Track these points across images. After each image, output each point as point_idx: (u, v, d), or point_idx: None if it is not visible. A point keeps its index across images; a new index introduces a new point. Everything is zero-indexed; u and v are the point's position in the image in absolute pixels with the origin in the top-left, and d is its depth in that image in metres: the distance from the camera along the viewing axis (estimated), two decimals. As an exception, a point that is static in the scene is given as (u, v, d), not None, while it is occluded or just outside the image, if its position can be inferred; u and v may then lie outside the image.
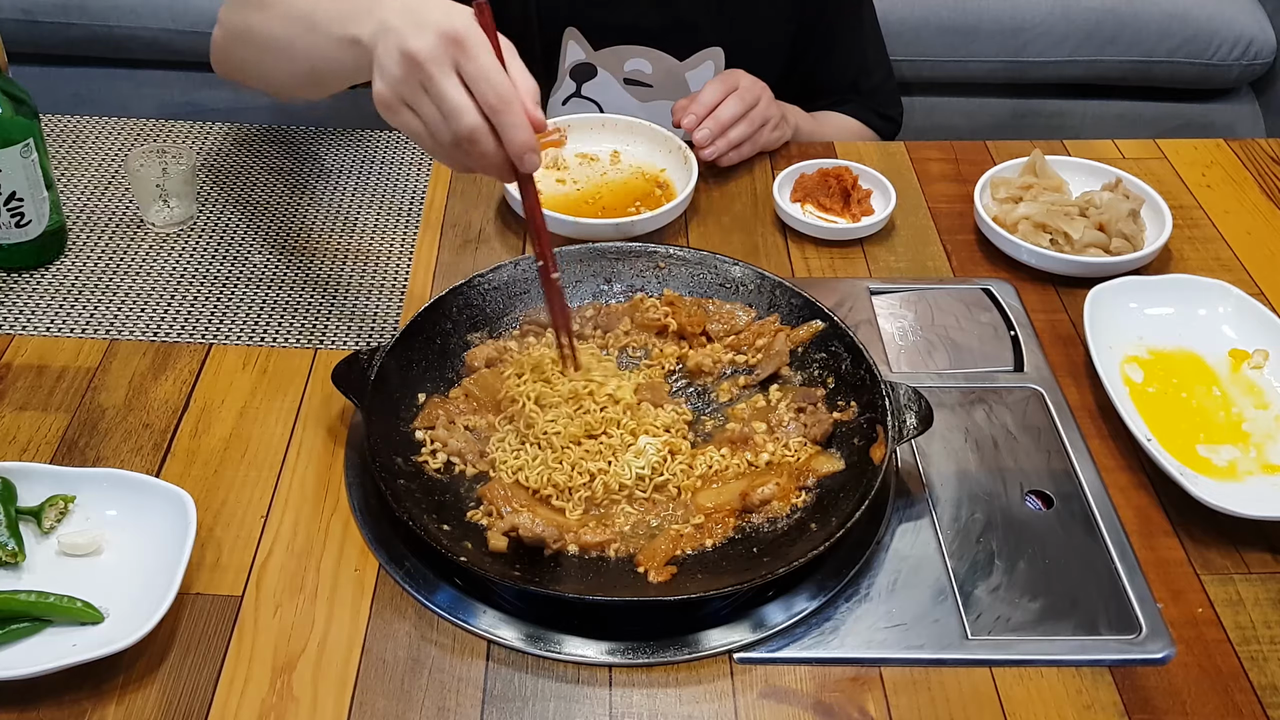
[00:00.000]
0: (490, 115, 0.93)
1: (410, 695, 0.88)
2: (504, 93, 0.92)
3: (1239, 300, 1.19)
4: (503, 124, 0.93)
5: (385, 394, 1.04)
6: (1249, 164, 1.46)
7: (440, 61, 0.92)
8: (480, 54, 0.92)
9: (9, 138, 1.15)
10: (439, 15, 0.93)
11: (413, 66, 0.92)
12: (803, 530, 0.98)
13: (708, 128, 1.36)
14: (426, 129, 0.95)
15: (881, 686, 0.89)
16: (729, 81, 1.39)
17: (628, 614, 0.94)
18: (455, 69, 0.92)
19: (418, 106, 0.94)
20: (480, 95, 0.92)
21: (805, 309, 1.14)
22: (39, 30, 2.12)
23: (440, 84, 0.92)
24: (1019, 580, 0.97)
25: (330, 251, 1.29)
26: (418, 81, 0.93)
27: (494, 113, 0.93)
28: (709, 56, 1.52)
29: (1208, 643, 0.93)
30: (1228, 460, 1.06)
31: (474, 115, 0.92)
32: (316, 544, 0.98)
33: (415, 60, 0.92)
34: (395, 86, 0.94)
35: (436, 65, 0.92)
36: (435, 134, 0.95)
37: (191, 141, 1.44)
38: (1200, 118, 2.28)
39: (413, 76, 0.93)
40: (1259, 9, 2.24)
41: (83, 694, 0.86)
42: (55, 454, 1.04)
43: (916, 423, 1.00)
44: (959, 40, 2.17)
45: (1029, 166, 1.38)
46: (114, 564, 0.94)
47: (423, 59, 0.92)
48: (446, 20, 0.92)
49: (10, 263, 1.23)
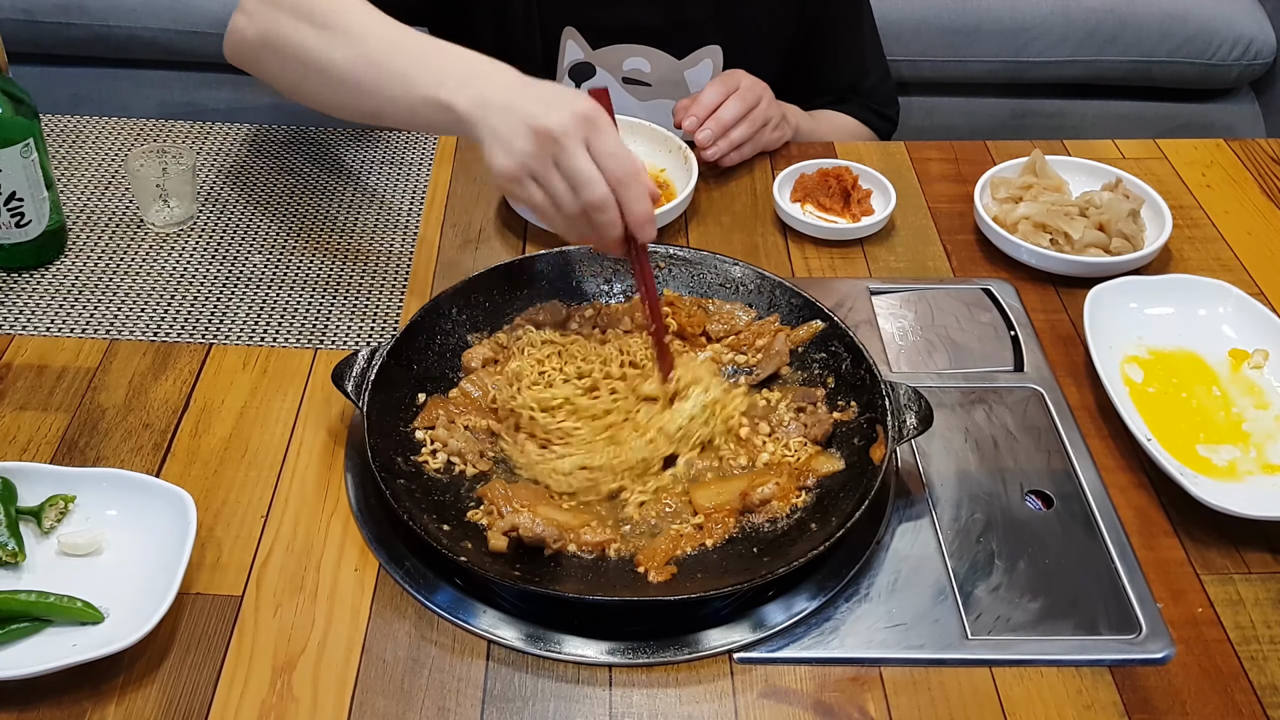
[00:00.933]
0: (616, 188, 0.99)
1: (410, 695, 0.88)
2: (631, 167, 0.99)
3: (1239, 300, 1.19)
4: (627, 197, 0.99)
5: (385, 394, 1.04)
6: (1249, 164, 1.46)
7: (574, 137, 0.98)
8: (609, 132, 0.99)
9: (9, 138, 1.15)
10: (566, 95, 1.00)
11: (546, 141, 0.98)
12: (803, 530, 0.98)
13: (709, 129, 1.36)
14: (552, 200, 1.01)
15: (881, 686, 0.89)
16: (730, 82, 1.39)
17: (628, 614, 0.94)
18: (586, 145, 0.98)
19: (546, 179, 1.00)
20: (608, 169, 0.98)
21: (805, 309, 1.14)
22: (39, 30, 2.12)
23: (573, 157, 0.98)
24: (1019, 580, 0.97)
25: (330, 251, 1.29)
26: (550, 155, 0.98)
27: (620, 185, 0.99)
28: (707, 55, 1.52)
29: (1208, 643, 0.93)
30: (1228, 460, 1.06)
31: (604, 187, 0.98)
32: (316, 544, 0.98)
33: (550, 135, 0.97)
34: (524, 160, 0.99)
35: (571, 140, 0.97)
36: (562, 205, 1.00)
37: (191, 141, 1.44)
38: (1200, 118, 2.28)
39: (545, 150, 0.98)
40: (1259, 9, 2.24)
41: (83, 694, 0.86)
42: (55, 454, 1.04)
43: (916, 423, 1.00)
44: (959, 40, 2.17)
45: (1029, 166, 1.38)
46: (114, 564, 0.94)
47: (558, 134, 0.97)
48: (578, 101, 0.99)
49: (10, 263, 1.23)
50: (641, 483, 1.01)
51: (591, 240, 1.04)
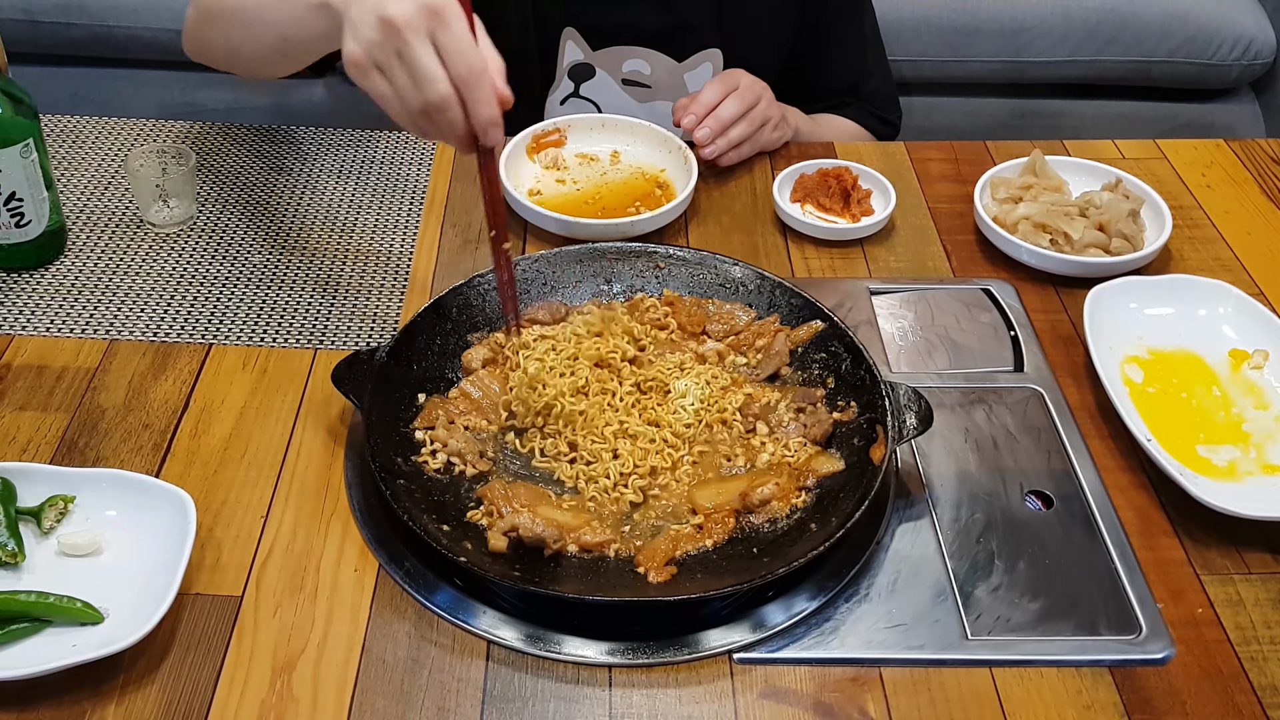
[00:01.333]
0: (460, 87, 0.95)
1: (410, 695, 0.88)
2: (476, 66, 0.95)
3: (1239, 300, 1.19)
4: (472, 97, 0.96)
5: (385, 394, 1.04)
6: (1249, 164, 1.46)
7: (417, 29, 0.94)
8: (457, 27, 0.95)
9: (9, 138, 1.15)
10: None
11: (389, 31, 0.94)
12: (803, 530, 0.98)
13: (708, 127, 1.36)
14: (396, 93, 0.97)
15: (881, 687, 0.89)
16: (729, 81, 1.39)
17: (628, 614, 0.94)
18: (431, 38, 0.94)
19: (389, 71, 0.96)
20: (453, 67, 0.95)
21: (805, 309, 1.14)
22: (39, 30, 2.12)
23: (415, 51, 0.94)
24: (1019, 580, 0.97)
25: (330, 251, 1.29)
26: (393, 47, 0.95)
27: (464, 85, 0.95)
28: (707, 58, 1.52)
29: (1208, 643, 0.93)
30: (1228, 460, 1.06)
31: (445, 84, 0.95)
32: (316, 544, 0.98)
33: (393, 25, 0.94)
34: (369, 49, 0.96)
35: (413, 32, 0.94)
36: (404, 99, 0.97)
37: (191, 141, 1.44)
38: (1200, 118, 2.28)
39: (388, 41, 0.95)
40: (1259, 9, 2.24)
41: (83, 694, 0.86)
42: (55, 454, 1.04)
43: (916, 423, 1.00)
44: (959, 40, 2.17)
45: (1029, 166, 1.38)
46: (114, 564, 0.94)
47: (400, 24, 0.94)
48: None
49: (10, 263, 1.23)
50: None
51: (436, 138, 1.01)
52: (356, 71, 0.98)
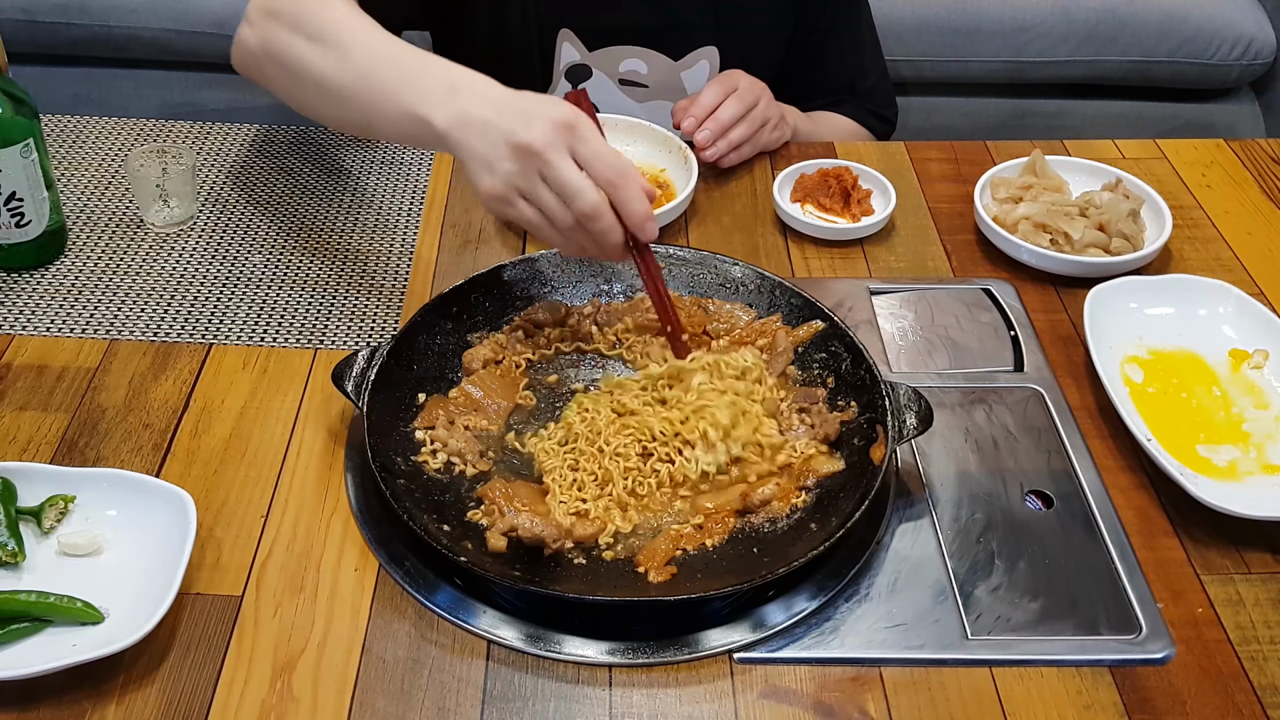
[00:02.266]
0: (609, 191, 0.96)
1: (410, 695, 0.88)
2: (621, 167, 0.96)
3: (1239, 300, 1.19)
4: (622, 197, 0.97)
5: (385, 394, 1.04)
6: (1249, 164, 1.46)
7: (557, 148, 0.95)
8: (592, 135, 0.96)
9: (9, 138, 1.15)
10: (544, 105, 0.96)
11: (528, 156, 0.95)
12: (803, 530, 0.98)
13: (708, 129, 1.36)
14: (545, 216, 0.98)
15: (881, 686, 0.89)
16: (728, 82, 1.39)
17: (628, 614, 0.94)
18: (570, 154, 0.95)
19: (535, 195, 0.97)
20: (597, 174, 0.96)
21: (805, 309, 1.14)
22: (39, 30, 2.12)
23: (559, 169, 0.95)
24: (1019, 580, 0.97)
25: (330, 251, 1.29)
26: (535, 170, 0.96)
27: (613, 188, 0.96)
28: (704, 56, 1.52)
29: (1208, 643, 0.93)
30: (1228, 460, 1.06)
31: (594, 193, 0.96)
32: (316, 544, 0.98)
33: (531, 150, 0.95)
34: (509, 180, 0.97)
35: (554, 152, 0.95)
36: (555, 219, 0.97)
37: (191, 141, 1.44)
38: (1200, 118, 2.28)
39: (529, 166, 0.95)
40: (1259, 9, 2.24)
41: (83, 694, 0.86)
42: (55, 454, 1.04)
43: (916, 423, 1.00)
44: (959, 40, 2.17)
45: (1029, 166, 1.38)
46: (114, 564, 0.94)
47: (539, 148, 0.94)
48: (554, 109, 0.96)
49: (10, 263, 1.23)
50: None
51: (592, 251, 1.01)
52: (500, 204, 0.99)
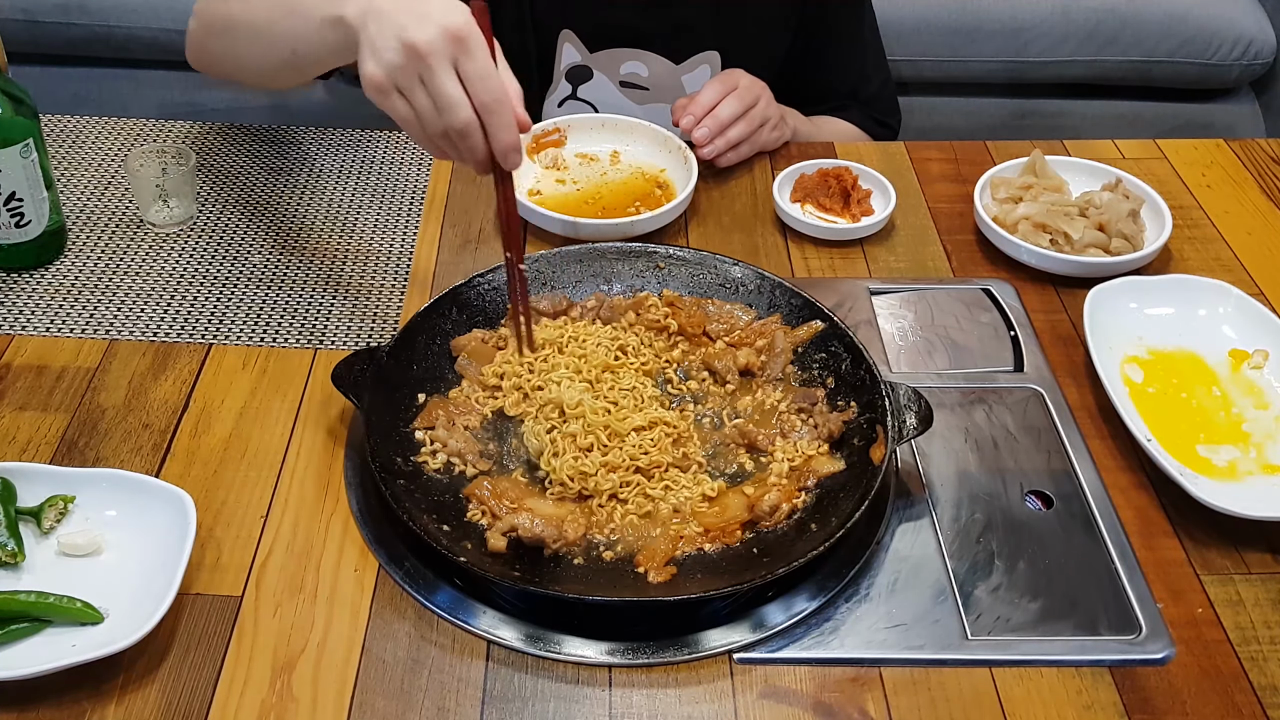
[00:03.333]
0: (482, 113, 0.97)
1: (410, 695, 0.88)
2: (498, 93, 0.97)
3: (1239, 300, 1.19)
4: (493, 123, 0.98)
5: (385, 394, 1.04)
6: (1249, 164, 1.46)
7: (441, 56, 0.95)
8: (479, 54, 0.96)
9: (9, 138, 1.15)
10: (440, 9, 0.96)
11: (413, 56, 0.96)
12: (803, 530, 0.98)
13: (706, 127, 1.36)
14: (417, 117, 0.99)
15: (881, 686, 0.89)
16: (728, 81, 1.39)
17: (628, 614, 0.94)
18: (454, 65, 0.96)
19: (411, 95, 0.98)
20: (475, 93, 0.96)
21: (805, 309, 1.14)
22: (39, 30, 2.12)
23: (439, 77, 0.96)
24: (1019, 580, 0.97)
25: (330, 251, 1.29)
26: (416, 71, 0.96)
27: (486, 111, 0.97)
28: (705, 60, 1.52)
29: (1208, 643, 0.93)
30: (1228, 460, 1.06)
31: (468, 111, 0.97)
32: (316, 544, 0.98)
33: (416, 50, 0.95)
34: (391, 72, 0.97)
35: (437, 59, 0.95)
36: (426, 123, 0.99)
37: (191, 141, 1.44)
38: (1200, 118, 2.28)
39: (412, 66, 0.96)
40: (1259, 9, 2.24)
41: (83, 694, 0.86)
42: (55, 454, 1.04)
43: (916, 423, 1.00)
44: (959, 40, 2.17)
45: (1029, 166, 1.38)
46: (114, 564, 0.94)
47: (424, 51, 0.95)
48: (449, 16, 0.95)
49: (10, 263, 1.23)
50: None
51: (454, 159, 1.02)
52: (376, 93, 0.99)
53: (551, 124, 1.43)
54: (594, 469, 1.00)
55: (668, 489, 1.01)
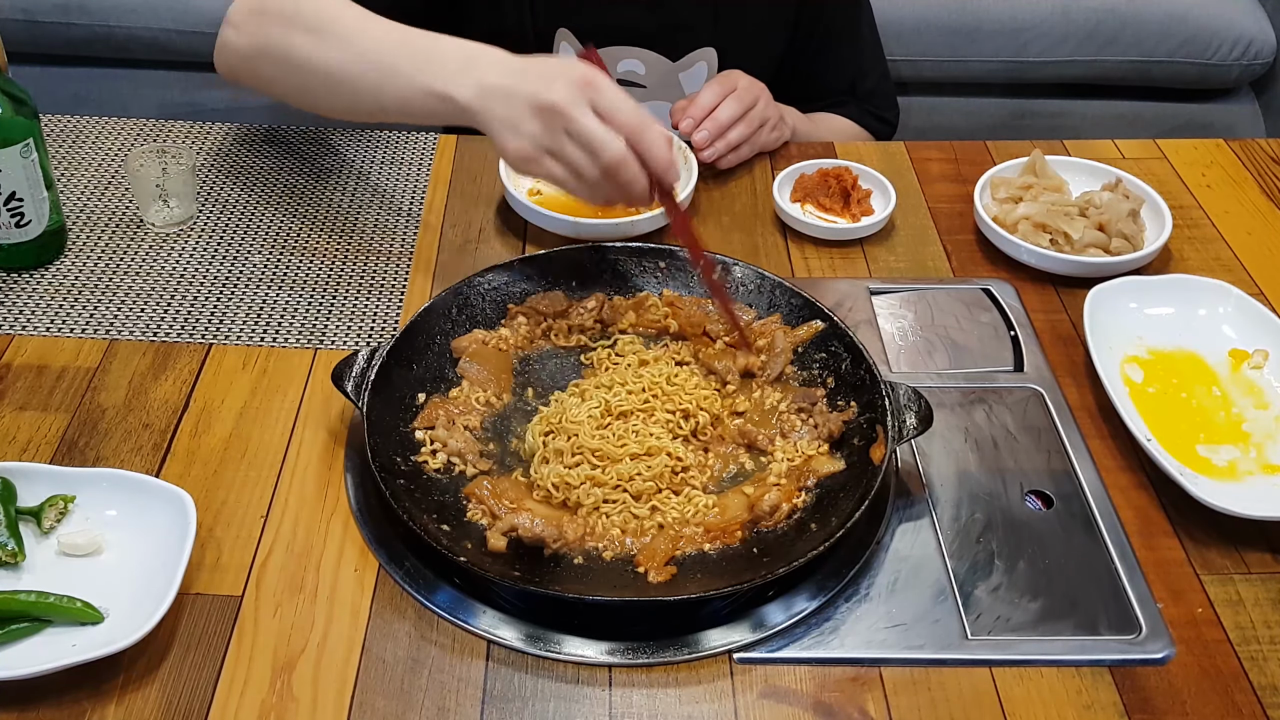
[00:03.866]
0: (631, 139, 1.00)
1: (410, 695, 0.88)
2: (641, 116, 1.01)
3: (1239, 300, 1.19)
4: (645, 144, 1.01)
5: (385, 394, 1.04)
6: (1249, 164, 1.46)
7: (578, 104, 0.99)
8: (609, 88, 1.01)
9: (9, 138, 1.15)
10: (559, 67, 1.01)
11: (552, 115, 1.00)
12: (803, 530, 0.98)
13: (706, 129, 1.36)
14: (572, 170, 1.02)
15: (881, 686, 0.89)
16: (727, 83, 1.39)
17: (628, 614, 0.94)
18: (592, 107, 0.99)
19: (561, 152, 1.01)
20: (619, 124, 1.00)
21: (805, 309, 1.14)
22: (39, 30, 2.12)
23: (582, 123, 0.99)
24: (1019, 580, 0.97)
25: (330, 251, 1.29)
26: (560, 128, 1.00)
27: (635, 136, 1.01)
28: (702, 57, 1.52)
29: (1208, 643, 0.93)
30: (1228, 460, 1.06)
31: (619, 142, 1.00)
32: (316, 544, 0.98)
33: (555, 109, 0.99)
34: (537, 140, 1.01)
35: (576, 108, 0.99)
36: (582, 172, 1.02)
37: (191, 141, 1.44)
38: (1200, 118, 2.28)
39: (554, 124, 1.00)
40: (1259, 9, 2.24)
41: (83, 694, 0.86)
42: (55, 454, 1.04)
43: (916, 423, 1.00)
44: (959, 40, 2.17)
45: (1029, 166, 1.38)
46: (114, 564, 0.94)
47: (562, 106, 0.99)
48: (571, 68, 1.01)
49: (10, 263, 1.23)
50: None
51: (619, 199, 1.04)
52: (529, 165, 1.03)
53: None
54: (578, 481, 0.99)
55: (655, 509, 1.00)
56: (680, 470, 1.02)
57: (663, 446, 1.02)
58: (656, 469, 1.01)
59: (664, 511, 0.99)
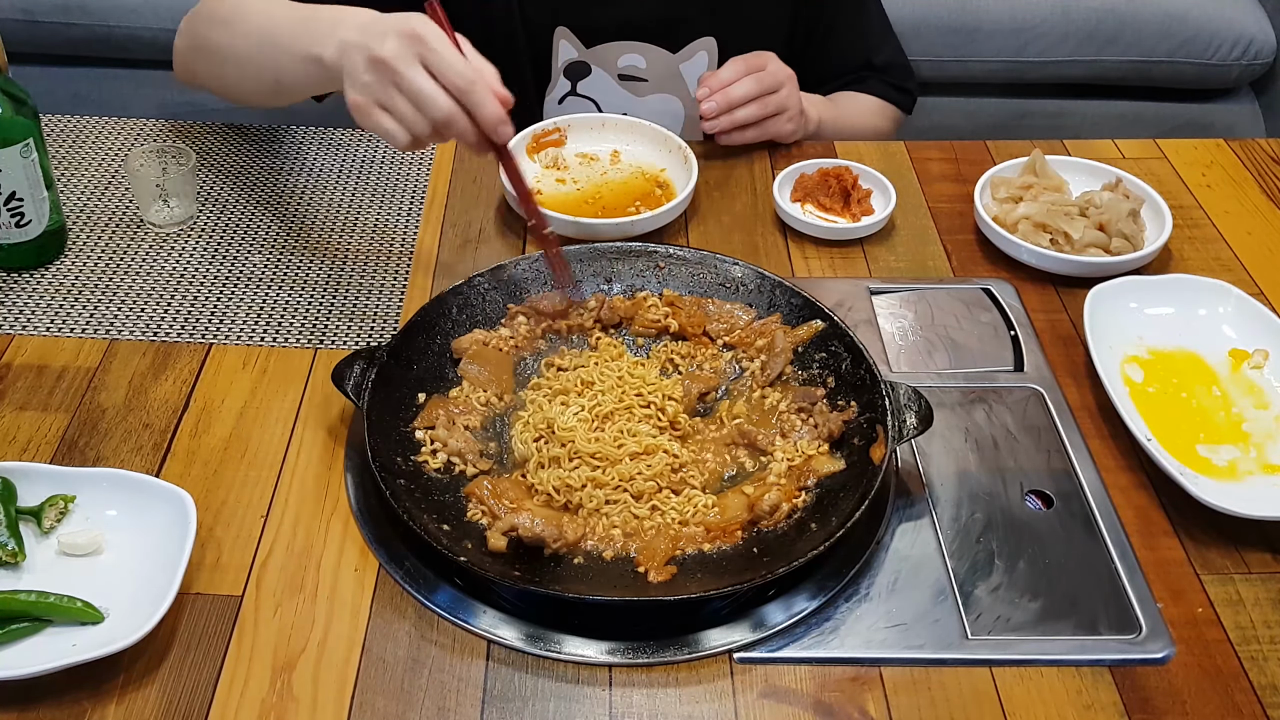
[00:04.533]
0: (460, 97, 1.02)
1: (410, 695, 0.88)
2: (469, 74, 1.02)
3: (1239, 300, 1.19)
4: (472, 103, 1.03)
5: (385, 394, 1.04)
6: (1249, 164, 1.46)
7: (406, 58, 1.01)
8: (440, 45, 1.02)
9: (9, 138, 1.15)
10: (394, 21, 1.03)
11: (381, 69, 1.02)
12: (803, 530, 0.98)
13: (715, 101, 1.36)
14: (402, 124, 1.04)
15: (881, 686, 0.89)
16: (755, 62, 1.38)
17: (628, 614, 0.94)
18: (421, 62, 1.02)
19: (391, 104, 1.04)
20: (447, 81, 1.02)
21: (805, 309, 1.14)
22: (39, 30, 2.12)
23: (409, 77, 1.02)
24: (1019, 580, 0.97)
25: (330, 251, 1.29)
26: (389, 81, 1.03)
27: (462, 94, 1.02)
28: (702, 47, 1.51)
29: (1208, 643, 0.93)
30: (1228, 460, 1.06)
31: (445, 99, 1.02)
32: (316, 544, 0.98)
33: (383, 62, 1.02)
34: (367, 91, 1.04)
35: (403, 62, 1.01)
36: (412, 126, 1.04)
37: (191, 141, 1.44)
38: (1200, 118, 2.28)
39: (384, 77, 1.03)
40: (1259, 9, 2.24)
41: (83, 694, 0.86)
42: (55, 454, 1.04)
43: (916, 423, 1.00)
44: (959, 40, 2.17)
45: (1029, 166, 1.38)
46: (114, 564, 0.94)
47: (389, 58, 1.02)
48: (404, 22, 1.02)
49: (10, 263, 1.23)
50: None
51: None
52: (362, 116, 1.05)
53: (551, 124, 1.43)
54: (579, 484, 1.00)
55: (655, 509, 1.00)
56: (678, 468, 1.02)
57: (660, 445, 1.02)
58: (656, 468, 1.01)
59: (664, 511, 0.99)
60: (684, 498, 1.00)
